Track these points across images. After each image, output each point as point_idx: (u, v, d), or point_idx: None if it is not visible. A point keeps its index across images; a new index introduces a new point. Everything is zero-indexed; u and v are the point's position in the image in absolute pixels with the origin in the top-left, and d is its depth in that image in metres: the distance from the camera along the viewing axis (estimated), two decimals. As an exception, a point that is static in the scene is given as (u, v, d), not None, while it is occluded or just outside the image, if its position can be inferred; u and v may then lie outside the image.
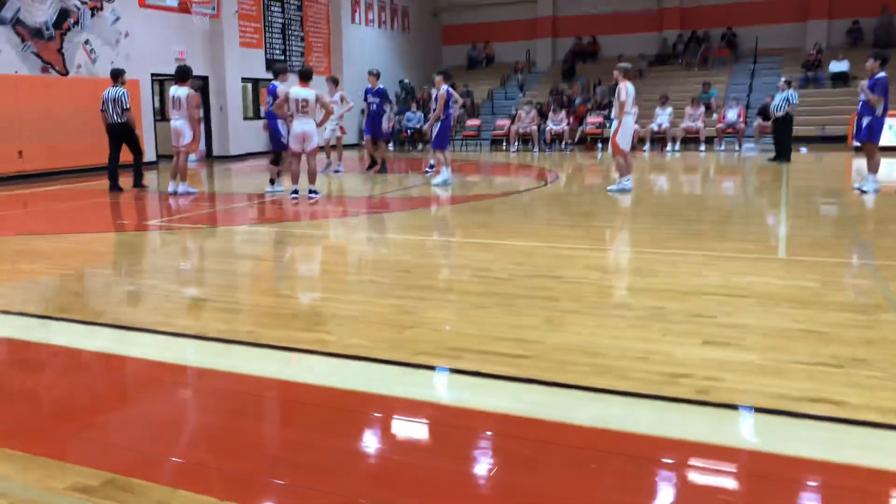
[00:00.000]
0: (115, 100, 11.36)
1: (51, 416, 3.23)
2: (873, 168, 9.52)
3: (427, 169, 13.96)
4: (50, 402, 3.40)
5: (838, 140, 17.57)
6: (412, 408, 3.15)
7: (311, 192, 10.27)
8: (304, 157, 10.23)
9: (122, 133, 11.59)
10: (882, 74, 9.30)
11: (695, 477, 2.53)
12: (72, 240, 7.51)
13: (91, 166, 14.84)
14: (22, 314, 4.74)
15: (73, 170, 14.43)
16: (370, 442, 2.88)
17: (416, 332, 4.10)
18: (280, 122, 10.90)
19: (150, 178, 13.99)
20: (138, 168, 12.01)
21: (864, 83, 9.53)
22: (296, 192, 10.24)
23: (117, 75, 11.52)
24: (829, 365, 3.42)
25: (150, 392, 3.50)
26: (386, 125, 14.21)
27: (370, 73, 13.66)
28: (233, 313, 4.67)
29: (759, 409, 2.99)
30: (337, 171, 14.41)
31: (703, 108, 18.45)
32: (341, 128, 14.37)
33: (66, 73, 14.61)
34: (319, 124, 10.29)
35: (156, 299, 5.03)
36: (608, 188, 10.41)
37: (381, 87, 13.62)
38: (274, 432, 3.05)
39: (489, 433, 2.89)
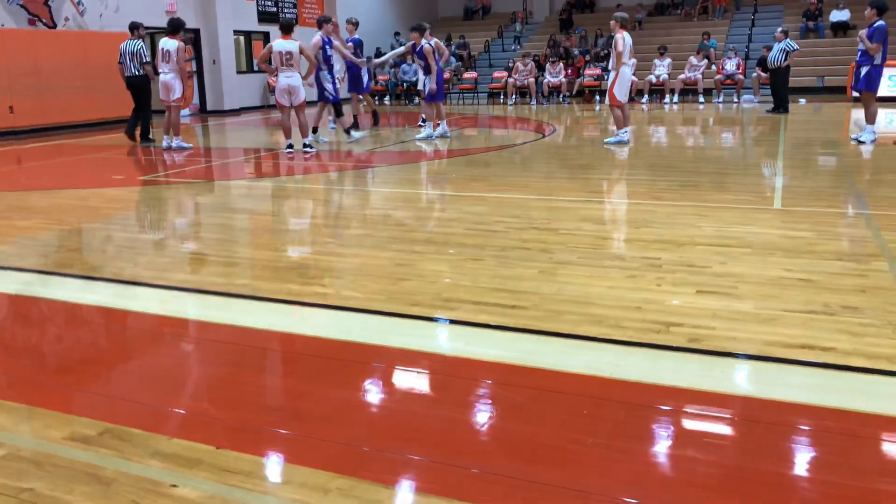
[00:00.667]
0: (133, 53, 11.18)
1: (50, 368, 3.26)
2: (870, 118, 9.47)
3: (421, 122, 13.84)
4: (49, 354, 3.43)
5: (838, 91, 17.43)
6: (409, 357, 3.18)
7: (305, 145, 10.21)
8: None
9: (137, 86, 11.42)
10: (880, 22, 9.20)
11: (686, 422, 2.57)
12: (67, 195, 7.49)
13: (83, 122, 14.72)
14: (20, 269, 4.75)
15: (65, 126, 14.31)
16: (368, 391, 2.91)
17: (411, 284, 4.12)
18: (324, 73, 10.85)
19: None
20: (146, 123, 11.89)
21: (863, 32, 9.43)
22: (290, 146, 10.18)
23: (134, 28, 11.33)
24: (820, 313, 3.45)
25: (148, 344, 3.53)
26: (366, 78, 13.68)
27: (348, 21, 13.08)
28: (230, 267, 4.69)
29: (750, 356, 3.03)
30: (331, 128, 14.28)
31: (706, 60, 18.23)
32: (340, 80, 14.05)
33: (54, 26, 14.39)
34: (305, 77, 10.14)
35: (153, 254, 5.04)
36: (605, 141, 10.36)
37: (357, 37, 13.12)
38: (272, 383, 3.09)
39: (484, 381, 2.92)
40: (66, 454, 2.40)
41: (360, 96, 13.16)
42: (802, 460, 2.32)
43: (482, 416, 2.65)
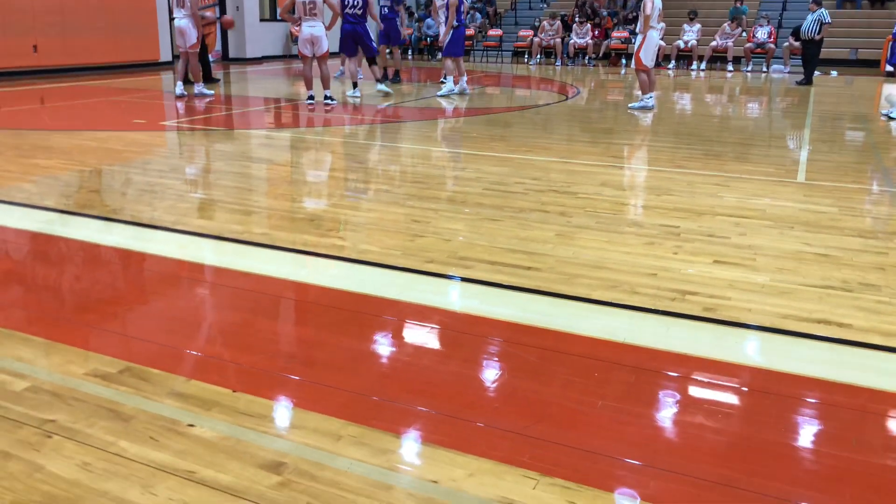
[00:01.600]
0: None
1: (72, 306, 3.32)
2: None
3: (443, 79, 13.73)
4: (71, 293, 3.49)
5: (871, 64, 17.08)
6: (422, 313, 3.21)
7: (326, 97, 10.16)
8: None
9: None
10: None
11: (696, 390, 2.59)
12: (87, 136, 7.52)
13: (107, 64, 14.71)
14: (41, 208, 4.80)
15: (89, 67, 14.31)
16: (381, 343, 2.95)
17: (427, 241, 4.13)
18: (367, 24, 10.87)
19: (165, 79, 13.87)
20: (205, 66, 11.91)
21: None
22: (311, 98, 10.14)
23: None
24: (838, 288, 3.44)
25: (167, 287, 3.57)
26: (401, 31, 13.54)
27: None
28: (248, 216, 4.72)
29: (764, 328, 3.03)
30: (335, 76, 14.19)
31: (739, 28, 17.87)
32: None
33: (81, -34, 14.30)
34: (329, 27, 10.04)
35: (172, 199, 5.07)
36: (629, 105, 10.24)
37: None
38: (288, 330, 3.13)
39: (496, 339, 2.95)
40: (86, 389, 2.46)
41: (389, 50, 13.08)
42: (809, 433, 2.33)
43: (493, 373, 2.68)
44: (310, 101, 10.09)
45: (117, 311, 3.22)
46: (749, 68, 17.31)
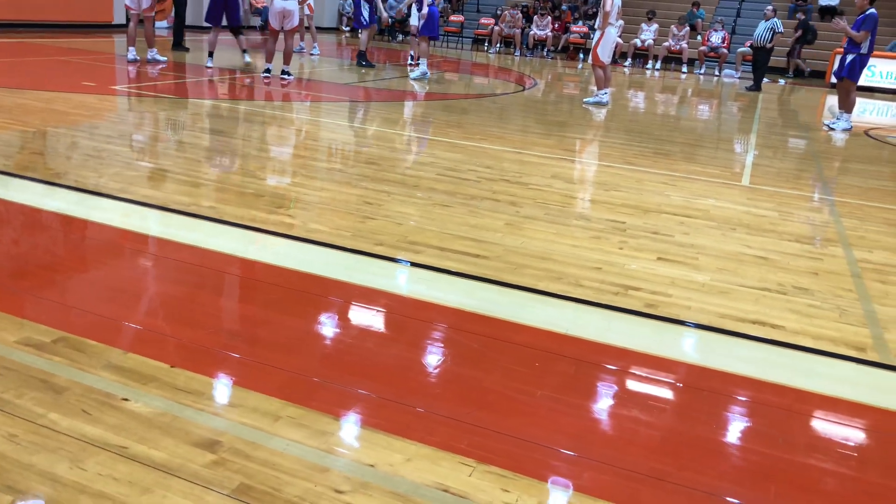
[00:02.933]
0: None
1: (6, 271, 3.22)
2: (848, 107, 9.56)
3: (410, 61, 13.65)
4: (6, 257, 3.38)
5: (817, 75, 17.54)
6: (368, 295, 3.20)
7: (283, 72, 10.01)
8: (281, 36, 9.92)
9: None
10: (871, 11, 9.21)
11: (633, 384, 2.64)
12: (32, 96, 7.27)
13: (58, 22, 14.23)
14: (-22, 168, 4.63)
15: (38, 24, 13.81)
16: (325, 324, 2.93)
17: (378, 224, 4.12)
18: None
19: (118, 41, 13.49)
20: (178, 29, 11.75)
21: (841, 20, 9.45)
22: (268, 71, 9.98)
23: None
24: (773, 291, 3.55)
25: (108, 257, 3.49)
26: (366, 12, 13.42)
27: None
28: (196, 187, 4.63)
29: (702, 326, 3.11)
30: (312, 55, 14.03)
31: (688, 29, 18.17)
32: (309, 6, 13.59)
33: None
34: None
35: (119, 166, 4.95)
36: (584, 100, 10.33)
37: None
38: (231, 307, 3.09)
39: (441, 325, 2.96)
40: (17, 358, 2.40)
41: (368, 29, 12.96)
42: (739, 430, 2.41)
43: (435, 358, 2.69)
44: (266, 75, 9.94)
45: (55, 278, 3.14)
46: (702, 71, 17.62)
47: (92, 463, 1.92)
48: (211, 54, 10.63)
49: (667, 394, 2.60)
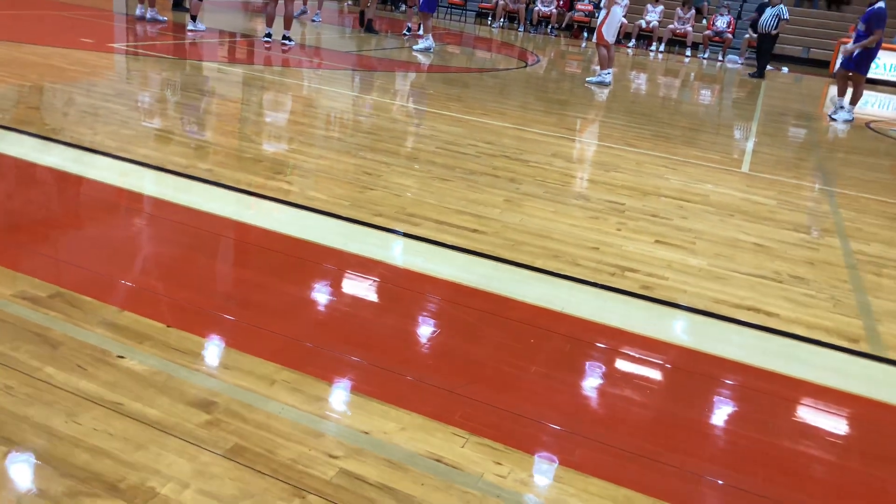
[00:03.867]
0: None
1: (2, 225, 3.19)
2: (855, 99, 9.53)
3: (405, 32, 13.54)
4: (2, 211, 3.36)
5: (821, 64, 17.47)
6: (366, 265, 3.19)
7: (284, 37, 9.92)
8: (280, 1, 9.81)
9: None
10: (880, 5, 9.15)
11: (626, 364, 2.66)
12: (29, 50, 7.19)
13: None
14: (-26, 119, 4.59)
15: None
16: (321, 291, 2.93)
17: (376, 195, 4.11)
18: None
19: (120, 1, 13.32)
20: None
21: (849, 46, 9.38)
22: (269, 35, 9.88)
23: None
24: (769, 278, 3.56)
25: (105, 214, 3.47)
26: None
27: None
28: (194, 150, 4.60)
29: (696, 310, 3.12)
30: (314, 21, 13.89)
31: (693, 12, 18.04)
32: None
33: None
34: None
35: (116, 124, 4.90)
36: (587, 79, 10.28)
37: None
38: (228, 270, 3.08)
39: (437, 298, 2.96)
40: (13, 311, 2.39)
41: None
42: (729, 414, 2.43)
43: (430, 330, 2.70)
44: (266, 39, 9.84)
45: (51, 233, 3.12)
46: (706, 55, 17.52)
47: (87, 418, 1.92)
48: (194, 18, 10.34)
49: (659, 375, 2.62)
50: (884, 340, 3.03)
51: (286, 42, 9.88)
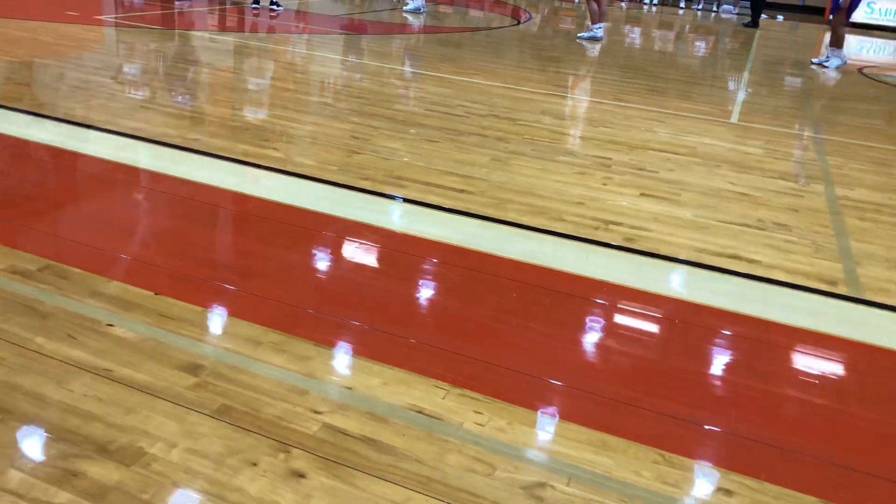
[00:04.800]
0: None
1: (-9, 201, 3.24)
2: (838, 42, 9.44)
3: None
4: (-9, 188, 3.40)
5: (817, 11, 17.27)
6: (354, 229, 3.24)
7: (272, 3, 9.84)
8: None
9: None
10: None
11: (609, 315, 2.71)
12: (15, 25, 7.16)
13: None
14: (-38, 98, 4.61)
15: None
16: (311, 256, 2.98)
17: (365, 159, 4.14)
18: None
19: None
20: None
21: None
22: (257, 2, 9.81)
23: None
24: (752, 227, 3.60)
25: (93, 188, 3.51)
26: None
27: None
28: (183, 120, 4.62)
29: (678, 260, 3.17)
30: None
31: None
32: None
33: None
34: None
35: (106, 98, 4.92)
36: (578, 35, 10.20)
37: None
38: (216, 238, 3.13)
39: (423, 257, 3.01)
40: (4, 285, 2.45)
41: None
42: (710, 360, 2.48)
43: (417, 290, 2.75)
44: (255, 6, 9.77)
45: (41, 208, 3.17)
46: (700, 6, 17.33)
47: (78, 384, 1.99)
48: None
49: (640, 324, 2.67)
50: (862, 283, 3.08)
51: (275, 8, 9.82)
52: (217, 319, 2.41)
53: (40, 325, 2.24)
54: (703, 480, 1.88)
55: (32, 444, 1.78)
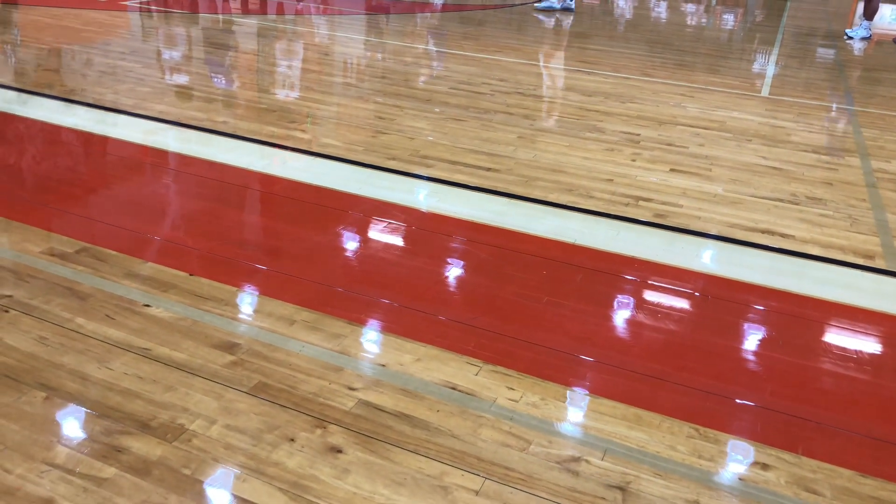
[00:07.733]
0: None
1: (30, 186, 3.30)
2: (869, 14, 9.24)
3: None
4: (29, 173, 3.46)
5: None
6: (382, 208, 3.25)
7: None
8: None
9: None
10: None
11: (639, 291, 2.70)
12: (43, 12, 7.23)
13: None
14: (-5, 85, 4.68)
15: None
16: (340, 236, 3.00)
17: (390, 139, 4.14)
18: None
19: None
20: None
21: None
22: (280, -16, 9.80)
23: None
24: (786, 201, 3.55)
25: (126, 171, 3.56)
26: None
27: None
28: (211, 103, 4.65)
29: (710, 235, 3.14)
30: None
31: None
32: None
33: None
34: None
35: (134, 83, 4.96)
36: (536, 5, 10.06)
37: None
38: (247, 219, 3.16)
39: (451, 236, 3.02)
40: (43, 267, 2.49)
41: None
42: (742, 334, 2.47)
43: (446, 268, 2.76)
44: (277, -11, 9.76)
45: (76, 192, 3.21)
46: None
47: (118, 363, 2.03)
48: None
49: (671, 300, 2.66)
50: (899, 256, 3.03)
51: (297, -10, 9.80)
52: (250, 299, 2.44)
53: (79, 306, 2.28)
54: (739, 454, 1.87)
55: (77, 420, 1.82)
